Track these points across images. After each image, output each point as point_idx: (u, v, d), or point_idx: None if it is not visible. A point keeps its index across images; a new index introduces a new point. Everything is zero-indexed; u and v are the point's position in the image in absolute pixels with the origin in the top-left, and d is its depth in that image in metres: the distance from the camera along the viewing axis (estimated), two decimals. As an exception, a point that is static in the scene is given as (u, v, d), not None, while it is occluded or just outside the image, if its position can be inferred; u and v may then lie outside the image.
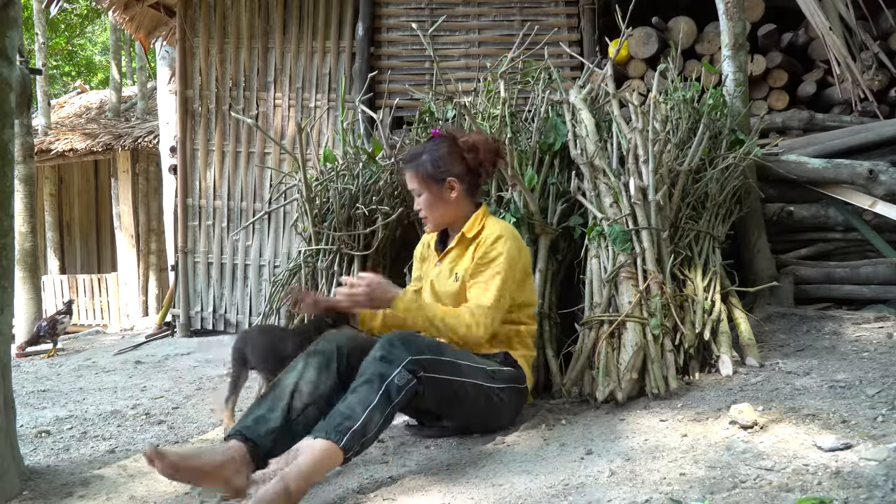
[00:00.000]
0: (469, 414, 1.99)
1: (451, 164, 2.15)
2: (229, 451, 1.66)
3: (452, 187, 2.15)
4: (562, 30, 4.95)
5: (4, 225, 1.97)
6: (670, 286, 2.41)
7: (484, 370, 1.98)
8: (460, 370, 1.91)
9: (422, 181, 2.15)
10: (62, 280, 9.73)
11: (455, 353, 1.94)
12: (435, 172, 2.13)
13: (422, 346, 1.84)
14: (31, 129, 6.33)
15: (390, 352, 1.79)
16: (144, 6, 5.32)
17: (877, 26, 4.31)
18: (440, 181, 2.14)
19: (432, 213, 2.18)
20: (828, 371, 2.24)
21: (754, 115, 3.80)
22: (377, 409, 1.69)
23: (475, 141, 2.20)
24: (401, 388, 1.74)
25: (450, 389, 1.88)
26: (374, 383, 1.72)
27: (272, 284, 3.12)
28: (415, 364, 1.78)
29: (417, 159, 2.16)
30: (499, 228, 2.13)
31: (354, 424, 1.64)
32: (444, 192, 2.15)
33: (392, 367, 1.75)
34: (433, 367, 1.83)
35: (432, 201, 2.16)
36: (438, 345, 1.93)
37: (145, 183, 9.38)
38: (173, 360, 4.25)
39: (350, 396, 1.72)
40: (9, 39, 1.98)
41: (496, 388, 1.99)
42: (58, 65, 15.86)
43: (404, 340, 1.83)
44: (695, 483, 1.45)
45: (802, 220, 3.45)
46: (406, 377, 1.75)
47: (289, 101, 5.14)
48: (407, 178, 2.20)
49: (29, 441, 2.48)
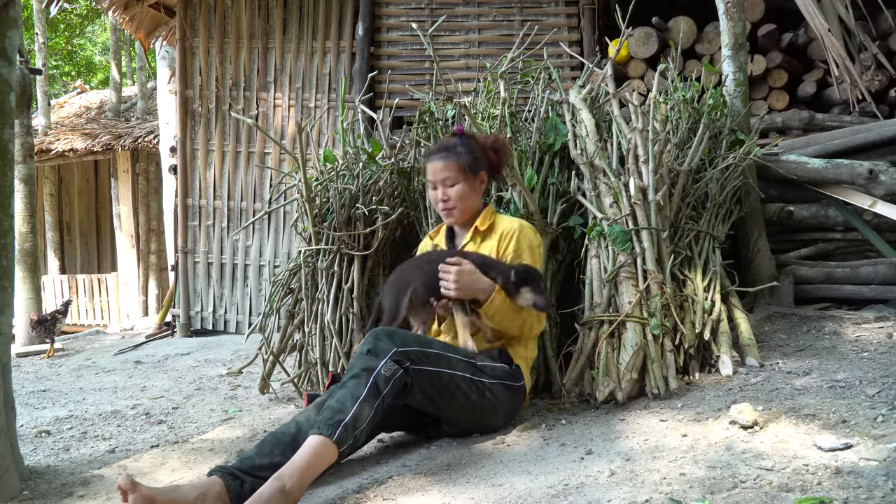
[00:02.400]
0: (461, 409, 1.96)
1: (482, 159, 2.25)
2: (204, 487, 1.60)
3: (483, 181, 2.26)
4: (562, 30, 4.95)
5: (4, 225, 1.97)
6: (670, 286, 2.41)
7: (472, 364, 1.98)
8: (450, 363, 1.92)
9: (461, 170, 2.19)
10: (62, 280, 9.73)
11: (444, 347, 1.96)
12: (473, 164, 2.21)
13: (407, 339, 1.86)
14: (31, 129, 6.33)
15: (376, 345, 1.80)
16: (144, 6, 5.33)
17: (876, 27, 4.31)
18: (476, 173, 2.23)
19: (463, 203, 2.22)
20: (828, 371, 2.24)
21: (754, 115, 3.80)
22: (366, 402, 1.70)
23: (498, 142, 2.30)
24: (388, 378, 1.75)
25: (439, 382, 1.88)
26: (361, 377, 1.73)
27: (272, 284, 3.12)
28: (401, 355, 1.80)
29: (455, 150, 2.21)
30: (517, 221, 2.25)
31: (345, 417, 1.65)
32: (476, 184, 2.24)
33: (378, 360, 1.77)
34: (421, 359, 1.85)
35: (467, 191, 2.21)
36: (421, 337, 1.96)
37: (145, 183, 9.38)
38: (173, 360, 4.25)
39: (339, 391, 1.73)
40: (9, 39, 1.98)
41: (487, 384, 1.98)
42: (58, 65, 15.87)
43: (389, 333, 1.85)
44: (695, 483, 1.45)
45: (802, 220, 3.45)
46: (392, 367, 1.77)
47: (289, 101, 5.14)
48: (440, 167, 2.21)
49: (29, 441, 2.48)
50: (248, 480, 1.63)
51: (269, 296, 3.07)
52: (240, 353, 4.26)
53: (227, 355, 4.23)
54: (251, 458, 1.70)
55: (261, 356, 2.93)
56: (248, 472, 1.65)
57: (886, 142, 3.49)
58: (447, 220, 2.31)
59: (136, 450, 2.29)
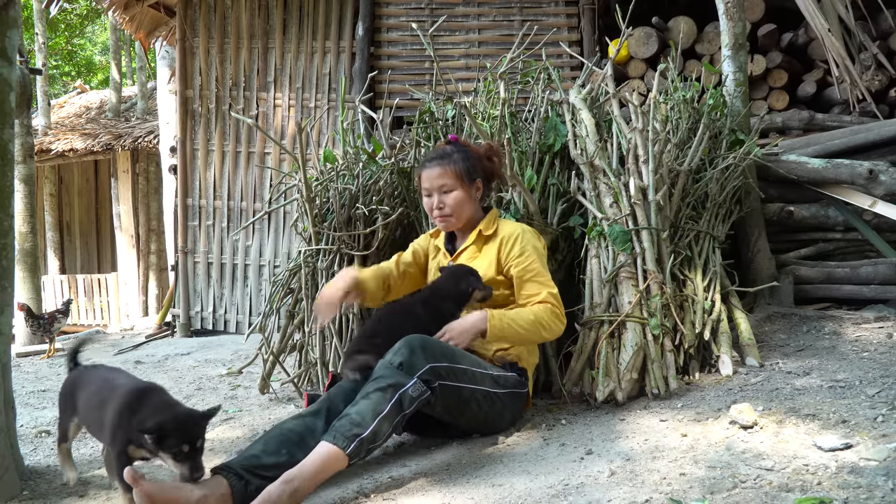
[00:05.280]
0: (472, 418, 1.98)
1: (478, 166, 2.25)
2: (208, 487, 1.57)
3: (479, 188, 2.25)
4: (562, 30, 4.95)
5: (4, 225, 1.97)
6: (670, 286, 2.41)
7: (491, 376, 1.98)
8: (473, 377, 1.91)
9: (457, 177, 2.19)
10: (62, 280, 9.73)
11: (471, 360, 1.95)
12: (469, 171, 2.20)
13: (437, 353, 1.84)
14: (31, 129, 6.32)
15: (409, 359, 1.77)
16: (144, 6, 5.33)
17: (876, 27, 4.31)
18: (472, 180, 2.22)
19: (459, 211, 2.20)
20: (828, 371, 2.24)
21: (754, 115, 3.80)
22: (387, 419, 1.68)
23: (492, 150, 2.31)
24: (414, 399, 1.73)
25: (460, 396, 1.88)
26: (386, 392, 1.71)
27: (272, 284, 3.12)
28: (431, 373, 1.78)
29: (451, 157, 2.21)
30: (520, 226, 2.23)
31: (363, 433, 1.64)
32: (472, 192, 2.23)
33: (408, 377, 1.74)
34: (448, 375, 1.83)
35: (463, 199, 2.20)
36: (453, 351, 1.92)
37: (145, 183, 9.38)
38: (173, 360, 4.25)
39: (361, 402, 1.70)
40: (9, 39, 1.98)
41: (500, 393, 2.00)
42: (58, 65, 15.87)
43: (423, 346, 1.82)
44: (695, 483, 1.45)
45: (802, 220, 3.45)
46: (420, 388, 1.75)
47: (289, 101, 5.14)
48: (436, 174, 2.20)
49: (29, 441, 2.48)
50: (253, 482, 1.62)
51: (269, 296, 3.07)
52: (240, 353, 4.26)
53: (227, 355, 4.23)
54: (257, 456, 1.67)
55: (261, 356, 2.93)
56: (254, 471, 1.64)
57: (886, 142, 3.49)
58: (442, 228, 2.30)
59: (136, 450, 2.29)
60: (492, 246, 2.21)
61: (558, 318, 2.08)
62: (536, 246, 2.18)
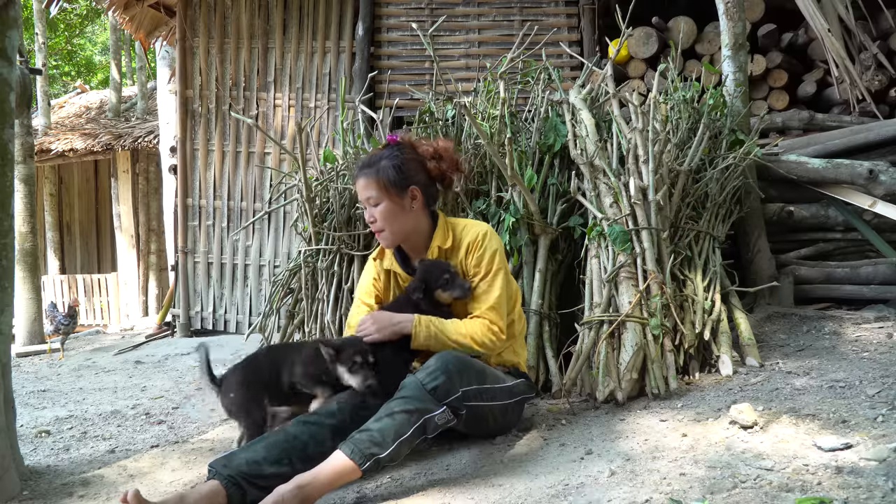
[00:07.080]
0: (485, 429, 1.99)
1: (413, 171, 2.02)
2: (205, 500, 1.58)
3: (414, 196, 2.01)
4: (562, 30, 4.95)
5: (4, 225, 1.97)
6: (670, 286, 2.41)
7: (506, 388, 1.96)
8: (494, 395, 1.89)
9: (382, 189, 1.97)
10: (62, 280, 9.73)
11: (492, 377, 1.91)
12: (398, 179, 1.98)
13: (471, 375, 1.80)
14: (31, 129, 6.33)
15: (444, 384, 1.71)
16: (144, 6, 5.32)
17: (876, 27, 4.31)
18: (402, 189, 1.99)
19: (391, 225, 2.00)
20: (828, 371, 2.24)
21: (754, 115, 3.80)
22: (407, 443, 1.65)
23: (439, 148, 2.09)
24: (439, 426, 1.70)
25: (480, 413, 1.86)
26: (412, 416, 1.66)
27: (272, 284, 3.12)
28: (460, 401, 1.73)
29: (377, 165, 2.00)
30: (477, 226, 2.08)
31: (381, 454, 1.61)
32: (406, 202, 2.00)
33: (437, 405, 1.69)
34: (475, 396, 1.81)
35: (393, 211, 1.99)
36: (483, 370, 1.88)
37: (145, 183, 9.38)
38: (173, 360, 4.25)
39: (385, 420, 1.66)
40: (9, 39, 1.98)
41: (512, 403, 2.00)
42: (58, 65, 15.87)
43: (460, 369, 1.76)
44: (695, 483, 1.45)
45: (802, 220, 3.45)
46: (447, 416, 1.71)
47: (289, 101, 5.14)
48: (361, 185, 2.02)
49: (29, 441, 2.48)
50: (251, 492, 1.61)
51: (269, 296, 3.07)
52: (240, 353, 4.25)
53: (228, 355, 4.22)
54: (258, 463, 1.65)
55: (261, 356, 2.93)
56: (253, 481, 1.62)
57: (886, 142, 3.49)
58: (383, 245, 2.11)
59: (136, 450, 2.29)
60: (456, 257, 2.05)
61: (494, 334, 1.94)
62: (501, 247, 2.06)
